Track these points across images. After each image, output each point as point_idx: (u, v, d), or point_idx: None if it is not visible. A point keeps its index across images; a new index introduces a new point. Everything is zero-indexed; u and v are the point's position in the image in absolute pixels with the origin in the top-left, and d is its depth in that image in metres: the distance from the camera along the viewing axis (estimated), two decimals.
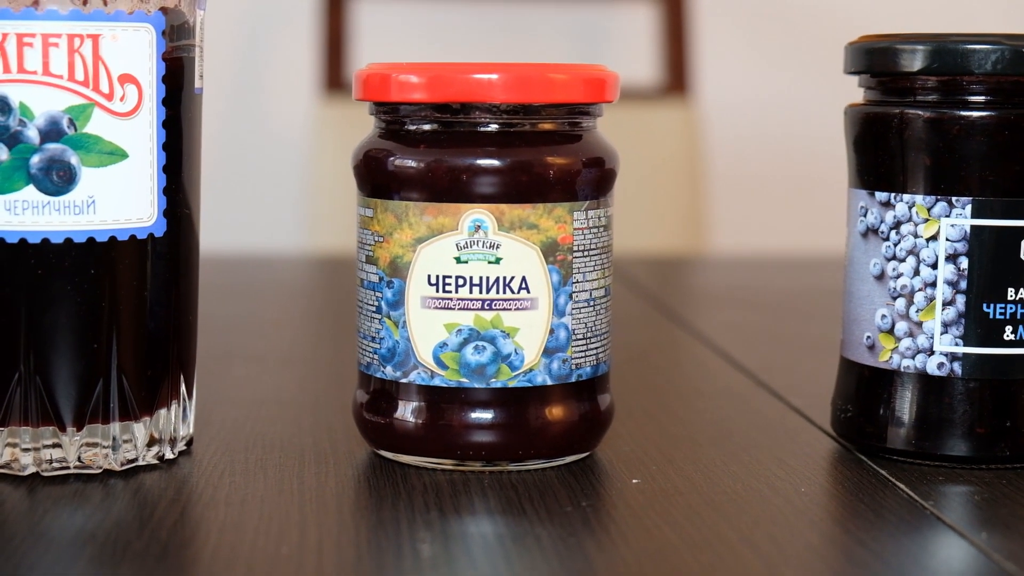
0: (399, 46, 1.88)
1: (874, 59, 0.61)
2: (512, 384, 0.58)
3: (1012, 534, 0.53)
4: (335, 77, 1.73)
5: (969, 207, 0.59)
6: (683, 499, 0.56)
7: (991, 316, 0.59)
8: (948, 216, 0.59)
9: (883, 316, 0.61)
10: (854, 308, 0.62)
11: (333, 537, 0.51)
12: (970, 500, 0.56)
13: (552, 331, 0.59)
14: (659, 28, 1.81)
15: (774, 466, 0.60)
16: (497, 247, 0.58)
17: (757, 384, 0.76)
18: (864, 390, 0.62)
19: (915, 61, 0.59)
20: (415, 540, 0.51)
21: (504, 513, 0.54)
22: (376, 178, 0.60)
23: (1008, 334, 0.59)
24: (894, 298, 0.60)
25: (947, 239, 0.59)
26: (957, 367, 0.59)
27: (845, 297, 0.63)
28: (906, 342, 0.60)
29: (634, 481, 0.58)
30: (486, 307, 0.58)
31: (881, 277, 0.61)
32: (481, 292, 0.58)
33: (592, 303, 0.60)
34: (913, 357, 0.60)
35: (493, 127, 0.58)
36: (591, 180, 0.60)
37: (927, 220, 0.59)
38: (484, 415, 0.59)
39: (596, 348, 0.60)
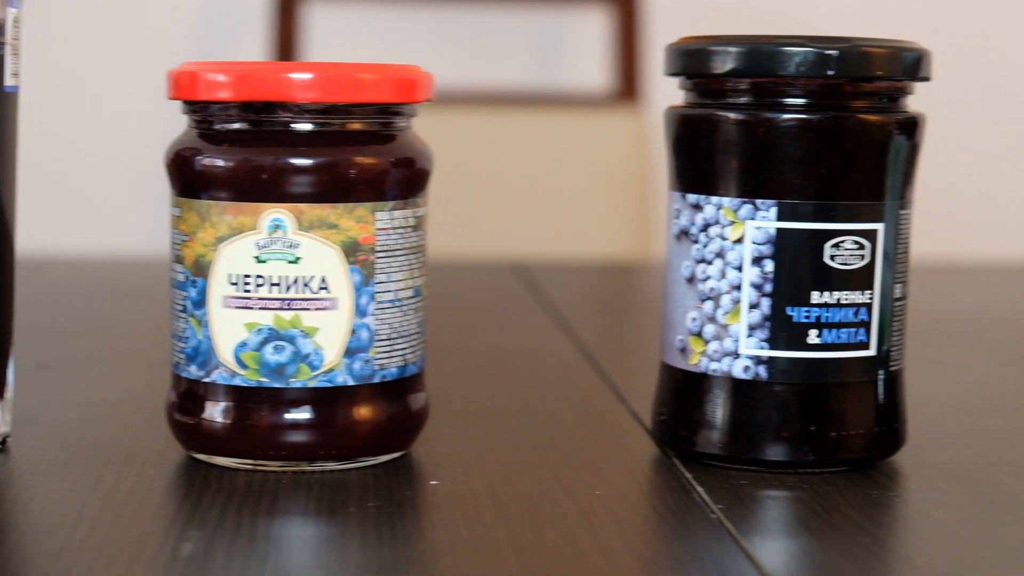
0: (351, 51, 1.88)
1: (688, 61, 0.60)
2: (312, 384, 0.58)
3: (788, 542, 0.52)
4: None
5: (774, 210, 0.58)
6: (473, 502, 0.56)
7: (796, 319, 0.59)
8: (753, 219, 0.59)
9: (693, 319, 0.60)
10: (669, 311, 0.62)
11: (100, 535, 0.51)
12: (763, 505, 0.56)
13: (354, 331, 0.59)
14: (611, 35, 1.81)
15: (582, 469, 0.60)
16: (296, 247, 0.58)
17: (609, 389, 0.75)
18: (677, 394, 0.61)
19: (723, 63, 0.59)
20: (183, 539, 0.51)
21: (285, 513, 0.54)
22: (184, 178, 0.60)
23: (813, 338, 0.59)
24: (703, 301, 0.60)
25: (753, 242, 0.59)
26: (762, 371, 0.59)
27: (663, 300, 0.62)
28: (714, 345, 0.60)
29: (432, 483, 0.58)
30: (285, 307, 0.58)
31: (691, 280, 0.60)
32: (280, 292, 0.58)
33: (398, 304, 0.60)
34: (720, 360, 0.60)
35: (300, 127, 0.58)
36: (398, 180, 0.59)
37: (733, 223, 0.59)
38: (284, 415, 0.58)
39: (403, 349, 0.60)
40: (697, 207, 0.60)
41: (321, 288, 0.58)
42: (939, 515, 0.55)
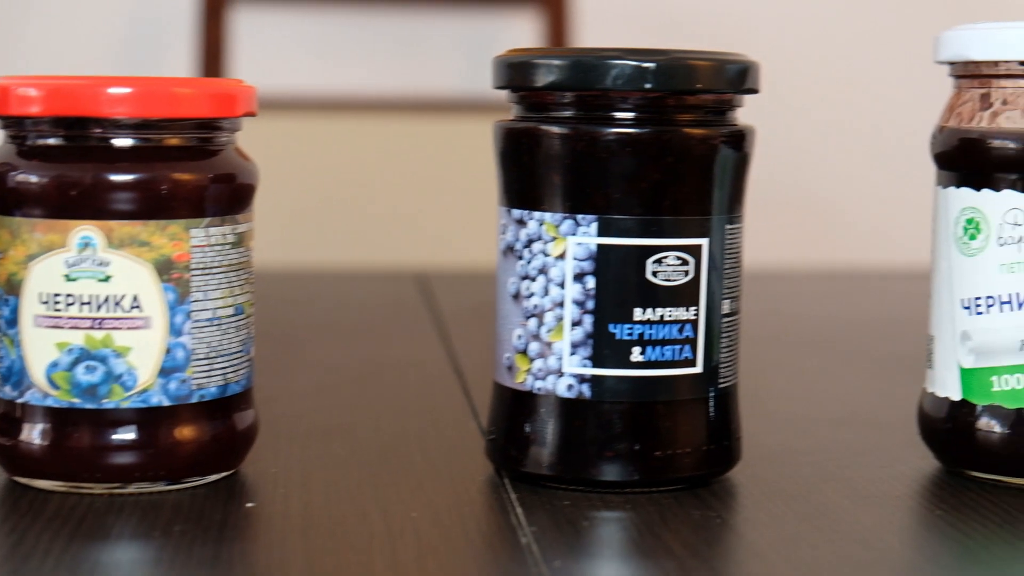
0: (281, 58, 1.87)
1: (512, 74, 0.59)
2: (126, 405, 0.57)
3: (591, 564, 0.51)
4: None
5: (595, 225, 0.57)
6: (282, 524, 0.54)
7: (619, 337, 0.58)
8: (575, 235, 0.58)
9: (519, 336, 0.59)
10: (499, 329, 0.61)
11: None
12: (580, 527, 0.55)
13: (168, 350, 0.57)
14: (540, 40, 1.80)
15: (408, 490, 0.59)
16: (106, 265, 0.57)
17: (467, 405, 0.74)
18: (506, 413, 0.60)
19: (545, 76, 0.58)
20: None
21: (87, 538, 0.53)
22: None
23: (636, 355, 0.58)
24: (527, 318, 0.59)
25: (574, 258, 0.58)
26: (586, 389, 0.58)
27: (495, 317, 0.61)
28: (538, 363, 0.59)
29: (248, 504, 0.57)
30: (96, 326, 0.57)
31: (517, 296, 0.59)
32: (91, 311, 0.57)
33: (216, 322, 0.59)
34: (545, 379, 0.59)
35: (115, 143, 0.57)
36: (216, 197, 0.58)
37: (555, 238, 0.58)
38: (98, 437, 0.57)
39: (223, 368, 0.59)
40: (521, 222, 0.59)
41: (133, 307, 0.57)
42: (752, 536, 0.54)
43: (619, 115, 0.57)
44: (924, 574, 0.52)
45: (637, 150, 0.57)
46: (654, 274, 0.58)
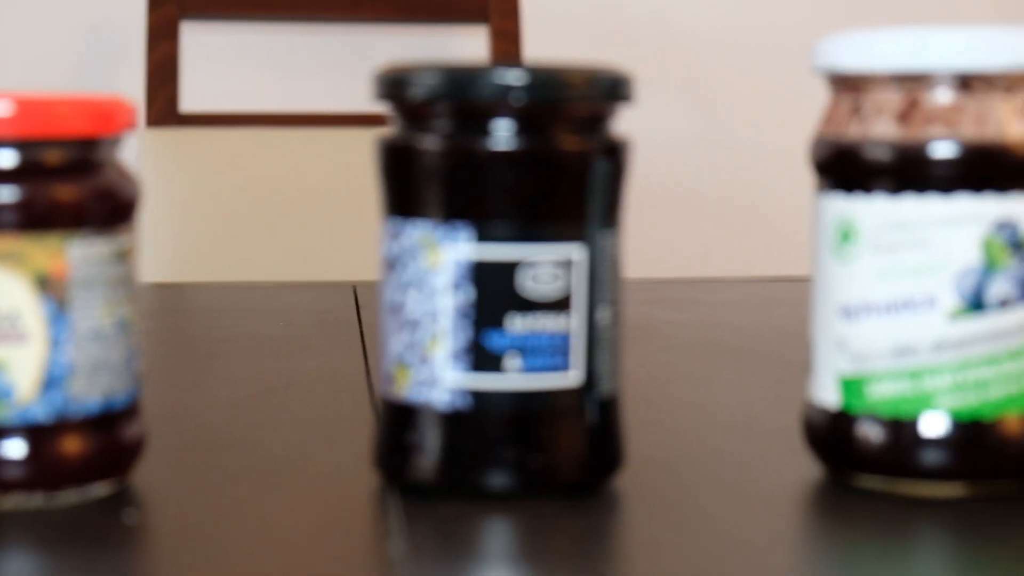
0: (233, 75, 1.88)
1: (390, 88, 0.60)
2: (6, 419, 0.58)
3: (460, 570, 0.52)
4: (164, 106, 1.72)
5: (468, 236, 0.58)
6: (152, 537, 0.55)
7: (493, 347, 0.58)
8: (449, 245, 0.58)
9: (398, 347, 0.60)
10: (382, 341, 0.61)
11: None
12: (450, 535, 0.55)
13: (49, 365, 0.58)
14: (491, 58, 1.81)
15: (288, 503, 0.59)
16: None
17: (374, 416, 0.75)
18: (390, 424, 0.61)
19: (419, 90, 0.59)
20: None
21: None
22: None
23: (511, 365, 0.58)
24: (406, 328, 0.60)
25: (449, 269, 0.58)
26: (462, 399, 0.59)
27: (378, 330, 0.62)
28: (416, 374, 0.59)
29: (126, 518, 0.57)
30: None
31: (396, 308, 0.60)
32: None
33: (98, 336, 0.59)
34: (423, 389, 0.59)
35: None
36: (95, 212, 0.59)
37: (431, 249, 0.59)
38: None
39: (106, 382, 0.59)
40: (399, 234, 0.60)
41: (11, 321, 0.57)
42: (626, 542, 0.55)
43: (492, 127, 0.58)
44: None
45: (512, 162, 0.58)
46: (528, 284, 0.58)
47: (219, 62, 1.87)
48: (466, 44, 1.91)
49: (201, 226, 1.66)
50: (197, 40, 1.85)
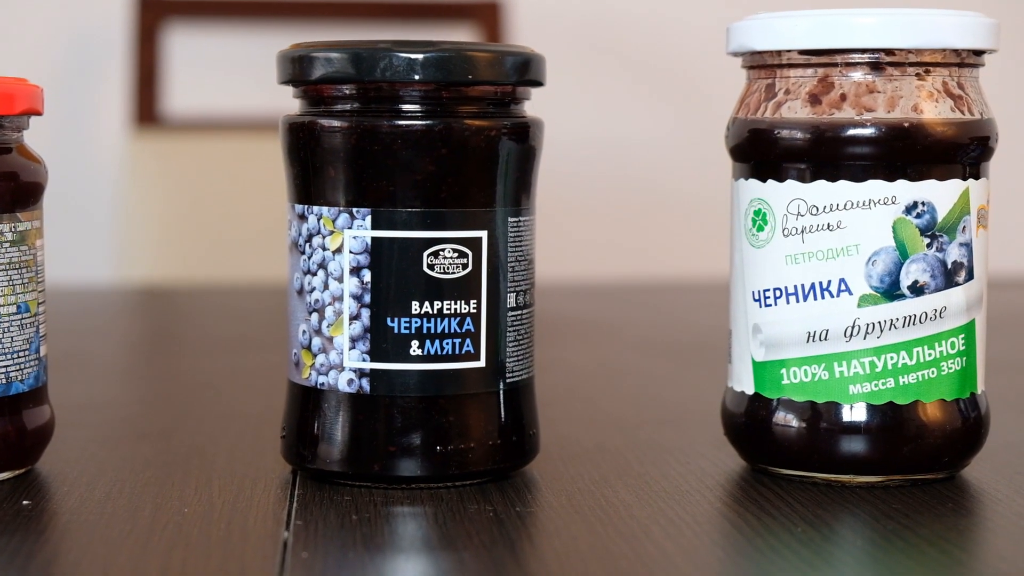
0: (213, 77, 1.87)
1: (293, 68, 0.59)
2: None
3: (344, 556, 0.51)
4: (147, 111, 1.72)
5: (369, 218, 0.57)
6: (46, 521, 0.54)
7: (396, 331, 0.57)
8: (351, 228, 0.57)
9: (304, 332, 0.59)
10: (288, 325, 0.60)
11: None
12: (343, 521, 0.54)
13: None
14: None
15: (189, 490, 0.58)
16: None
17: None
18: (295, 410, 0.60)
19: (320, 69, 0.58)
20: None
21: None
22: None
23: (415, 349, 0.57)
24: (310, 313, 0.59)
25: (351, 252, 0.57)
26: (366, 384, 0.58)
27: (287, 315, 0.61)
28: (321, 358, 0.58)
29: (24, 502, 0.56)
30: None
31: (301, 292, 0.59)
32: None
33: None
34: (327, 374, 0.58)
35: None
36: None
37: (333, 232, 0.58)
38: None
39: (7, 366, 0.58)
40: (303, 217, 0.59)
41: None
42: (524, 530, 0.54)
43: (392, 107, 0.57)
44: (701, 570, 0.51)
45: (411, 142, 0.57)
46: (431, 267, 0.57)
47: (202, 65, 1.87)
48: None
49: (181, 227, 1.65)
50: (181, 43, 1.85)
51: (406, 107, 0.57)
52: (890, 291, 0.57)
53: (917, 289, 0.57)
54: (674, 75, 1.95)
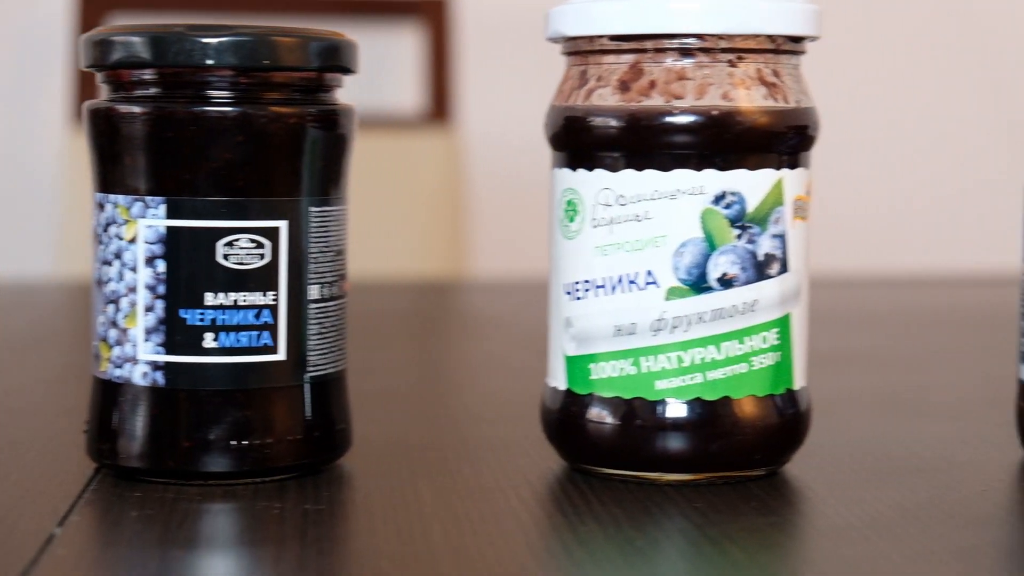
0: None
1: (94, 52, 0.58)
2: None
3: (104, 551, 0.49)
4: None
5: (163, 207, 0.55)
6: None
7: (190, 322, 0.56)
8: (144, 217, 0.56)
9: (102, 323, 0.58)
10: (91, 317, 0.59)
11: None
12: (120, 518, 0.53)
13: None
14: (422, 54, 1.79)
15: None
16: None
17: None
18: (96, 404, 0.58)
19: (120, 53, 0.56)
20: None
21: None
22: None
23: (209, 341, 0.56)
24: (107, 304, 0.57)
25: (145, 241, 0.56)
26: (160, 376, 0.56)
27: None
28: (116, 350, 0.57)
29: None
30: None
31: (100, 282, 0.58)
32: None
33: None
34: (123, 366, 0.57)
35: None
36: None
37: (128, 222, 0.56)
38: None
39: None
40: (101, 206, 0.57)
41: None
42: (289, 528, 0.52)
43: (189, 93, 0.56)
44: (460, 569, 0.49)
45: (204, 129, 0.55)
46: (226, 257, 0.56)
47: None
48: (396, 40, 1.89)
49: None
50: None
51: (203, 93, 0.56)
52: (698, 283, 0.56)
53: (726, 282, 0.56)
54: None
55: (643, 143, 0.56)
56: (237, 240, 0.56)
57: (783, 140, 0.56)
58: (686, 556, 0.50)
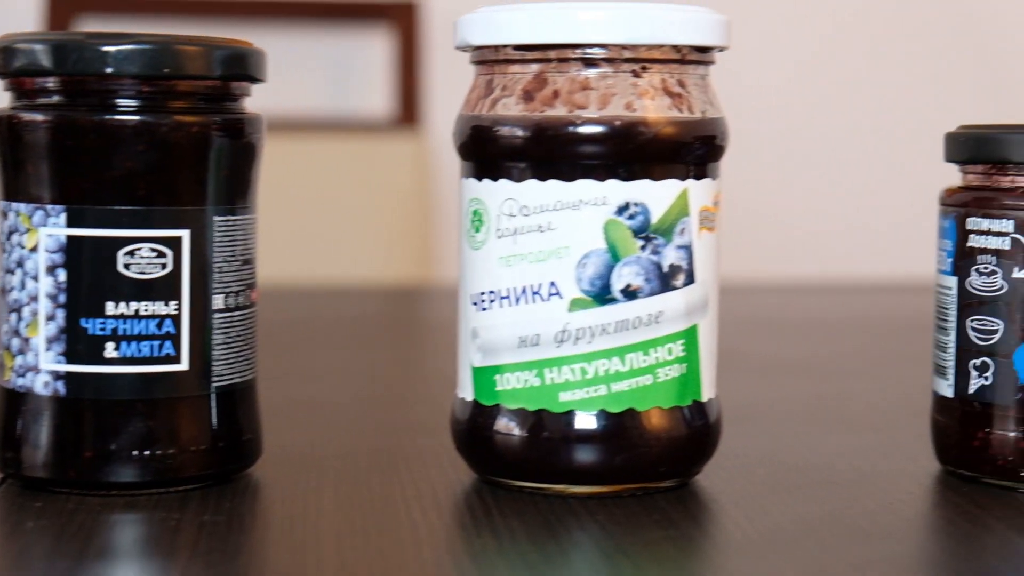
0: None
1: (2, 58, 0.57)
2: None
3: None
4: None
5: (64, 216, 0.55)
6: None
7: (91, 332, 0.55)
8: (45, 226, 0.56)
9: (5, 332, 0.57)
10: None
11: None
12: (19, 529, 0.52)
13: None
14: (391, 59, 1.79)
15: None
16: None
17: None
18: (2, 414, 0.58)
19: (19, 60, 0.56)
20: None
21: None
22: None
23: (110, 351, 0.55)
24: (10, 313, 0.57)
25: (46, 250, 0.56)
26: (61, 386, 0.56)
27: None
28: (19, 360, 0.57)
29: None
30: None
31: (3, 291, 0.57)
32: None
33: None
34: (25, 375, 0.56)
35: None
36: None
37: (29, 230, 0.56)
38: None
39: None
40: (4, 214, 0.57)
41: None
42: (183, 539, 0.52)
43: (90, 102, 0.55)
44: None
45: (104, 138, 0.55)
46: (127, 267, 0.55)
47: None
48: (366, 45, 1.89)
49: None
50: None
51: (107, 101, 0.55)
52: (601, 295, 0.55)
53: (630, 293, 0.55)
54: None
55: (546, 153, 0.56)
56: (139, 249, 0.55)
57: (688, 151, 0.56)
58: (576, 570, 0.50)
